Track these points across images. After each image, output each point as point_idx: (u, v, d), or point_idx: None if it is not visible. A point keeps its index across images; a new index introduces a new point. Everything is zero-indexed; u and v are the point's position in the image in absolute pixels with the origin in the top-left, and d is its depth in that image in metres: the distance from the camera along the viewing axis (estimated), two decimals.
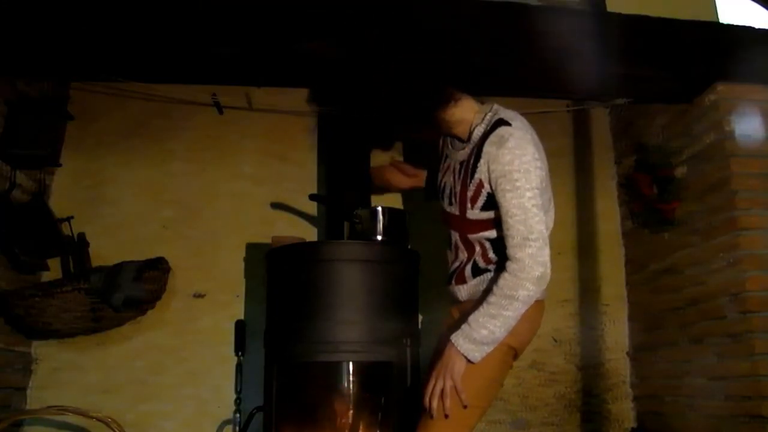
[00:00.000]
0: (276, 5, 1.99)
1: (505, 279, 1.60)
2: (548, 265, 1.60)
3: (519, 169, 1.60)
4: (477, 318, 1.61)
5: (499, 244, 1.69)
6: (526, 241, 1.58)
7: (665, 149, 2.64)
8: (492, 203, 1.67)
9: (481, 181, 1.67)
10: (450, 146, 1.85)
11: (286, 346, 1.99)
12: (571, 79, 2.26)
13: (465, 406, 1.61)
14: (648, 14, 2.10)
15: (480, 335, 1.60)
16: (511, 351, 1.70)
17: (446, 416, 1.60)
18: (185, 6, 1.96)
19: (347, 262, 1.98)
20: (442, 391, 1.61)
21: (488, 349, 1.62)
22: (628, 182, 2.86)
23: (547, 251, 1.60)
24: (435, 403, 1.61)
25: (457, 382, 1.61)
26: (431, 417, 1.63)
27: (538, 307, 1.74)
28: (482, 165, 1.66)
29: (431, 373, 1.68)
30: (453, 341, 1.63)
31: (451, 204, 1.78)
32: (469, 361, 1.62)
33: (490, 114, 1.73)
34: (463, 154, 1.76)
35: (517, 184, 1.60)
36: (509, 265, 1.61)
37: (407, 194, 2.80)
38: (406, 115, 1.76)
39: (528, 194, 1.60)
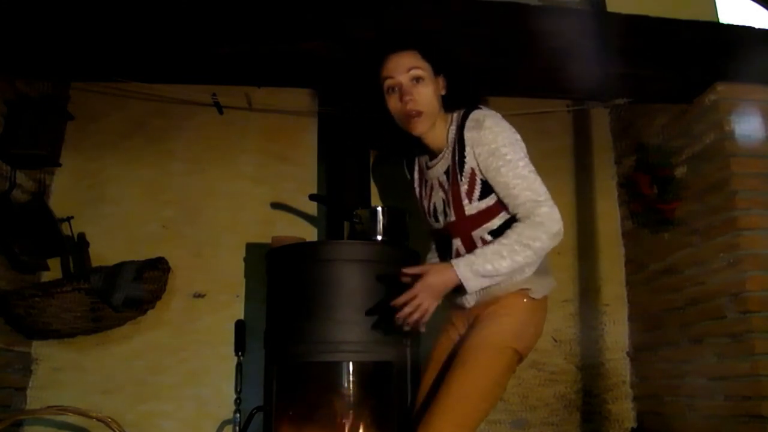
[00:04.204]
0: (276, 5, 2.00)
1: (524, 226, 1.60)
2: (561, 223, 1.61)
3: (504, 143, 1.63)
4: (485, 252, 1.60)
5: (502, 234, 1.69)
6: (537, 202, 1.60)
7: (665, 149, 2.65)
8: (488, 190, 1.68)
9: (472, 170, 1.68)
10: (425, 167, 1.85)
11: (286, 346, 1.98)
12: (571, 79, 2.27)
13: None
14: (648, 14, 2.11)
15: (483, 269, 1.59)
16: (516, 355, 1.69)
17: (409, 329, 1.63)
18: (185, 6, 1.97)
19: (347, 262, 1.98)
20: (419, 306, 1.59)
21: (486, 282, 1.62)
22: (628, 182, 2.86)
23: (557, 210, 1.61)
24: (407, 312, 1.59)
25: (434, 298, 1.61)
26: (399, 323, 1.62)
27: (543, 309, 1.75)
28: (468, 153, 1.67)
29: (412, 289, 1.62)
30: (453, 264, 1.61)
31: (446, 216, 1.78)
32: (462, 287, 1.61)
33: (456, 113, 1.75)
34: (443, 163, 1.77)
35: (508, 157, 1.62)
36: (528, 220, 1.61)
37: (407, 194, 2.80)
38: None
39: (521, 163, 1.62)
